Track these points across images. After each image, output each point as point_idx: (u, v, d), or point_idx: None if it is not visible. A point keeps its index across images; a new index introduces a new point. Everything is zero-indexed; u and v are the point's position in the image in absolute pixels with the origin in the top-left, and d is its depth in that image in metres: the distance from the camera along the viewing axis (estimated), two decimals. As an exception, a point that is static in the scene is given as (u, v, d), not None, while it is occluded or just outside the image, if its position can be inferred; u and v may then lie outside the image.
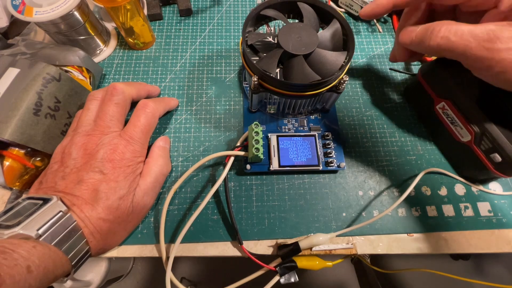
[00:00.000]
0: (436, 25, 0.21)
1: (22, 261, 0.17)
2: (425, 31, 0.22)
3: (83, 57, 0.30)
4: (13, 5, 0.28)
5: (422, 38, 0.22)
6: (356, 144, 0.32)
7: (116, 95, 0.26)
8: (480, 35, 0.19)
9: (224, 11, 0.40)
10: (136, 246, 0.27)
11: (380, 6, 0.24)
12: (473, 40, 0.19)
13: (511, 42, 0.18)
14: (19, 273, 0.16)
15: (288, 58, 0.26)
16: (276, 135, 0.29)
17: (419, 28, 0.23)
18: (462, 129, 0.27)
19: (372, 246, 0.27)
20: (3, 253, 0.17)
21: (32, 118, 0.25)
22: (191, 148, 0.31)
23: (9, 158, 0.25)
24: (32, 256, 0.17)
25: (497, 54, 0.19)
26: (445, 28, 0.21)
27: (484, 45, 0.19)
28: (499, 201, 0.29)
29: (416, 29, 0.23)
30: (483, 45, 0.19)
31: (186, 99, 0.33)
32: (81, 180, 0.22)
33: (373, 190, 0.30)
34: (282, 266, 0.25)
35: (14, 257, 0.17)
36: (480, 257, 0.92)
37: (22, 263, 0.17)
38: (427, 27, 0.22)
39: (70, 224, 0.20)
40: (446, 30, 0.21)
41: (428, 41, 0.22)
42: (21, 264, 0.17)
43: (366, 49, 0.38)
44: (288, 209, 0.28)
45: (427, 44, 0.22)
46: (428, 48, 0.22)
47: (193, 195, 0.29)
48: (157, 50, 0.36)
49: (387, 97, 0.34)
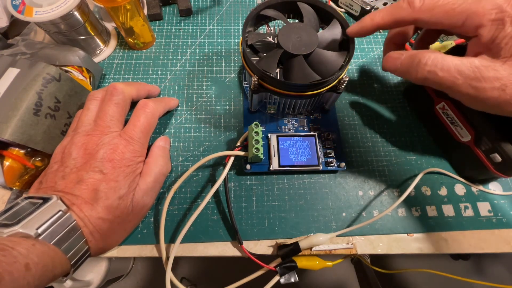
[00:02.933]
0: (422, 56, 0.21)
1: (21, 258, 0.17)
2: (411, 61, 0.22)
3: (83, 57, 0.30)
4: (13, 5, 0.28)
5: (407, 68, 0.22)
6: (356, 144, 0.32)
7: (116, 95, 0.26)
8: (466, 73, 0.19)
9: (224, 11, 0.40)
10: (136, 246, 0.27)
11: (364, 28, 0.24)
12: (460, 77, 0.19)
13: (496, 82, 0.18)
14: (17, 270, 0.16)
15: (288, 58, 0.26)
16: (276, 135, 0.29)
17: (404, 56, 0.22)
18: (462, 129, 0.27)
19: (372, 246, 0.27)
20: (2, 250, 0.17)
21: (32, 118, 0.25)
22: (191, 148, 0.31)
23: (9, 158, 0.25)
24: (31, 254, 0.17)
25: (483, 93, 0.19)
26: (431, 61, 0.20)
27: (470, 83, 0.19)
28: (499, 201, 0.29)
29: (401, 57, 0.23)
30: (469, 83, 0.19)
31: (186, 99, 0.33)
32: (81, 180, 0.22)
33: (373, 190, 0.30)
34: (282, 266, 0.25)
35: (13, 254, 0.17)
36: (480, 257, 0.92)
37: (21, 260, 0.17)
38: (413, 56, 0.22)
39: (69, 223, 0.20)
40: (433, 64, 0.20)
41: (415, 73, 0.21)
42: (20, 261, 0.17)
43: (366, 49, 0.38)
44: (288, 209, 0.28)
45: (414, 76, 0.22)
46: (414, 79, 0.22)
47: (193, 195, 0.29)
48: (157, 50, 0.36)
49: (387, 97, 0.34)
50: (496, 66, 0.19)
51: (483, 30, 0.19)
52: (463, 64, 0.19)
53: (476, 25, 0.19)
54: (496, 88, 0.19)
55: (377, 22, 0.24)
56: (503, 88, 0.18)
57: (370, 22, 0.24)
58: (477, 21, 0.19)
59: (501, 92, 0.18)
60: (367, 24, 0.24)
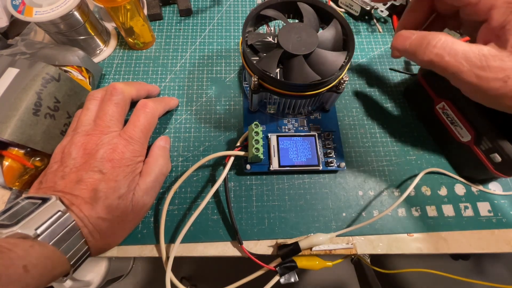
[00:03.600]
0: (432, 37, 0.21)
1: (18, 260, 0.17)
2: (421, 41, 0.21)
3: (82, 57, 0.30)
4: (13, 5, 0.28)
5: (416, 49, 0.22)
6: (356, 144, 0.32)
7: (115, 95, 0.26)
8: (473, 60, 0.19)
9: (224, 11, 0.40)
10: (136, 246, 0.27)
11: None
12: (466, 64, 0.19)
13: (500, 72, 0.18)
14: (15, 272, 0.16)
15: (288, 58, 0.26)
16: (276, 135, 0.29)
17: (414, 35, 0.22)
18: (462, 129, 0.27)
19: (372, 246, 0.27)
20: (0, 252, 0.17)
21: (31, 118, 0.25)
22: (191, 148, 0.31)
23: (8, 158, 0.25)
24: (29, 256, 0.17)
25: (486, 83, 0.19)
26: (441, 44, 0.20)
27: (475, 72, 0.19)
28: (499, 201, 0.29)
29: (412, 37, 0.22)
30: (474, 71, 0.19)
31: (186, 99, 0.33)
32: (81, 180, 0.22)
33: (373, 190, 0.30)
34: (282, 266, 0.25)
35: (11, 256, 0.17)
36: (480, 257, 0.92)
37: (19, 262, 0.17)
38: (423, 37, 0.21)
39: (68, 223, 0.20)
40: (442, 47, 0.20)
41: (422, 54, 0.21)
42: (18, 263, 0.17)
43: (366, 49, 0.38)
44: (288, 209, 0.28)
45: (420, 58, 0.21)
46: (420, 61, 0.22)
47: (193, 195, 0.29)
48: (157, 50, 0.36)
49: (387, 97, 0.34)
50: (503, 56, 0.18)
51: (495, 12, 0.19)
52: (471, 51, 0.19)
53: (490, 5, 0.19)
54: (499, 79, 0.18)
55: None
56: (505, 79, 0.18)
57: None
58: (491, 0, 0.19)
59: (503, 84, 0.18)
60: None
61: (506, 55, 0.18)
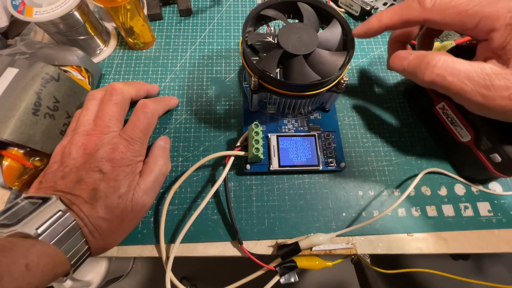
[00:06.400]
0: (431, 58, 0.20)
1: (20, 259, 0.17)
2: (419, 61, 0.21)
3: (81, 57, 0.30)
4: (13, 5, 0.28)
5: (415, 70, 0.21)
6: (356, 144, 0.32)
7: (115, 95, 0.26)
8: (476, 79, 0.19)
9: (224, 11, 0.40)
10: (136, 246, 0.27)
11: (371, 29, 0.24)
12: (469, 83, 0.19)
13: (505, 91, 0.18)
14: (17, 270, 0.16)
15: (288, 58, 0.26)
16: (276, 135, 0.29)
17: (412, 56, 0.22)
18: (462, 129, 0.27)
19: (372, 246, 0.27)
20: (1, 251, 0.17)
21: (31, 118, 0.25)
22: (191, 148, 0.31)
23: (8, 158, 0.25)
24: (31, 255, 0.17)
25: (491, 101, 0.19)
26: (441, 64, 0.20)
27: (479, 91, 0.19)
28: (499, 201, 0.29)
29: (409, 57, 0.22)
30: (478, 90, 0.19)
31: (186, 99, 0.33)
32: (81, 180, 0.22)
33: (373, 190, 0.30)
34: (282, 266, 0.25)
35: (13, 255, 0.17)
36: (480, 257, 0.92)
37: (21, 261, 0.17)
38: (422, 57, 0.21)
39: (69, 223, 0.20)
40: (442, 67, 0.20)
41: (422, 75, 0.21)
42: (20, 262, 0.17)
43: (366, 49, 0.38)
44: (288, 209, 0.28)
45: (421, 78, 0.21)
46: (421, 82, 0.21)
47: (193, 195, 0.29)
48: (157, 50, 0.36)
49: (387, 97, 0.34)
50: (507, 75, 0.18)
51: (495, 34, 0.19)
52: (473, 70, 0.19)
53: (489, 29, 0.19)
54: (505, 97, 0.18)
55: (384, 23, 0.23)
56: (511, 97, 0.18)
57: (377, 23, 0.23)
58: (490, 24, 0.19)
59: (509, 102, 0.18)
60: (374, 25, 0.23)
61: (510, 73, 0.18)
